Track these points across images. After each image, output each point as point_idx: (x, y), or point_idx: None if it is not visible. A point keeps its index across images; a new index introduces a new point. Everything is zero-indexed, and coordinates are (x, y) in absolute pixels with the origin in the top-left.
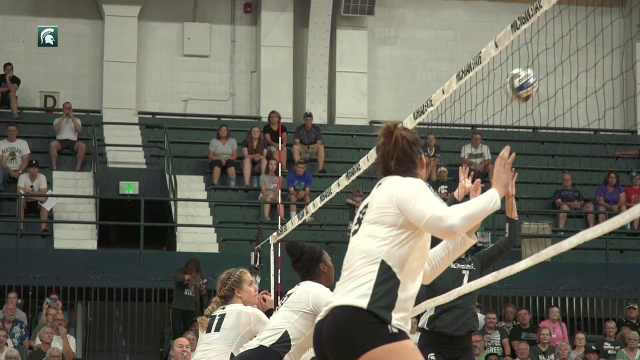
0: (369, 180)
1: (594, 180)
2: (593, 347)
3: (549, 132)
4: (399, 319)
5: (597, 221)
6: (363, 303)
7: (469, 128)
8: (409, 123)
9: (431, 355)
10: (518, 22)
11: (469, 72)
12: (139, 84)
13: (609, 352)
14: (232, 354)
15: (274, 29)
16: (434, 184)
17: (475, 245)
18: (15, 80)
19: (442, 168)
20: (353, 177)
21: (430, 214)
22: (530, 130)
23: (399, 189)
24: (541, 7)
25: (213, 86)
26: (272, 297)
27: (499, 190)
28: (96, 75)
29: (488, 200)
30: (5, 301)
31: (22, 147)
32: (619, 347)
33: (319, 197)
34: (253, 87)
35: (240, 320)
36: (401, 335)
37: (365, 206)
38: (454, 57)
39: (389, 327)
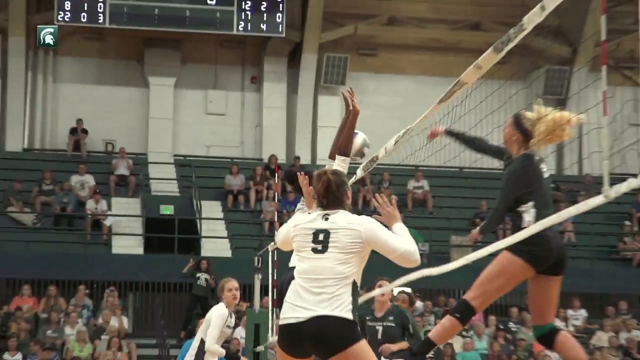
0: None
1: None
2: (501, 326)
3: (471, 170)
4: None
5: (504, 235)
6: (350, 316)
7: (414, 167)
8: (361, 170)
9: None
10: (447, 93)
11: (410, 131)
12: (175, 134)
13: (512, 329)
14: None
15: (272, 95)
16: None
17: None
18: (84, 131)
19: (393, 196)
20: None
21: (403, 249)
22: (458, 169)
23: (368, 229)
24: (465, 83)
25: (228, 136)
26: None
27: (399, 221)
28: (144, 128)
29: (407, 231)
30: (77, 291)
31: (89, 180)
32: (519, 326)
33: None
34: (257, 137)
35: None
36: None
37: (324, 231)
38: (403, 117)
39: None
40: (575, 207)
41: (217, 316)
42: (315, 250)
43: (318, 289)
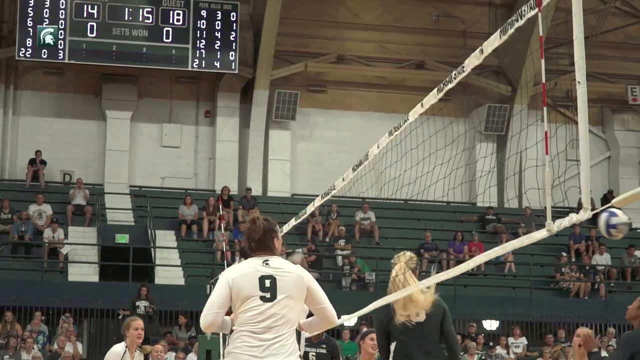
0: (291, 235)
1: (447, 237)
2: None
3: (416, 203)
4: None
5: (448, 265)
6: None
7: (360, 199)
8: (318, 200)
9: None
10: (393, 130)
11: (360, 164)
12: (131, 165)
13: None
14: None
15: (225, 129)
16: (336, 238)
17: (364, 281)
18: (43, 162)
19: (341, 227)
20: (279, 235)
21: (329, 305)
22: (403, 201)
23: (307, 276)
24: (408, 119)
25: (182, 168)
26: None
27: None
28: (100, 159)
29: None
30: (33, 317)
31: (47, 209)
32: (463, 353)
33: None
34: (210, 169)
35: None
36: None
37: (270, 277)
38: (351, 150)
39: None
40: (519, 241)
41: (110, 356)
42: (264, 299)
43: (271, 336)
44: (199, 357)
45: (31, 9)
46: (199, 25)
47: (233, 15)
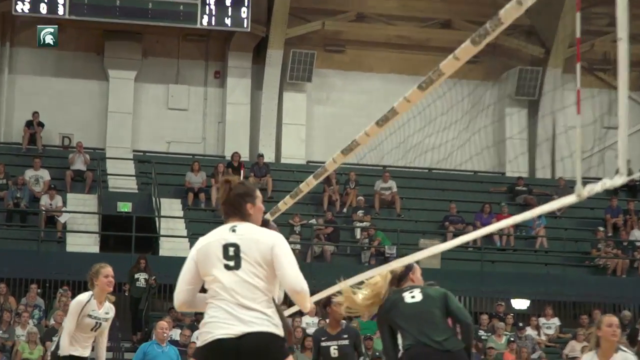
0: (305, 205)
1: (473, 209)
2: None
3: (440, 172)
4: None
5: (475, 240)
6: (281, 333)
7: (381, 167)
8: (339, 158)
9: None
10: (424, 85)
11: (387, 120)
12: (134, 129)
13: (482, 337)
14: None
15: (236, 90)
16: (354, 209)
17: (384, 255)
18: (41, 124)
19: (360, 197)
20: (298, 198)
21: (302, 284)
22: (427, 169)
23: (278, 245)
24: (443, 73)
25: (189, 132)
26: None
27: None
28: (102, 122)
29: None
30: (28, 290)
31: (45, 174)
32: (490, 334)
33: (269, 213)
34: (220, 134)
35: None
36: None
37: (234, 245)
38: (370, 115)
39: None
40: (548, 205)
41: (72, 304)
42: (227, 267)
43: (241, 307)
44: None
45: None
46: None
47: None
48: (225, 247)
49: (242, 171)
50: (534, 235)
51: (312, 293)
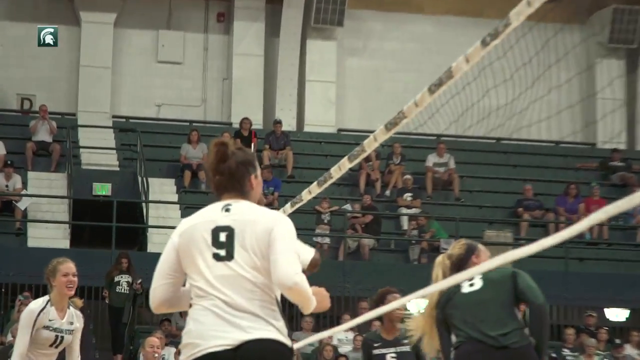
0: (336, 187)
1: (555, 190)
2: (553, 354)
3: (511, 143)
4: None
5: (557, 230)
6: (289, 342)
7: (434, 137)
8: (381, 134)
9: None
10: (488, 39)
11: (440, 85)
12: (114, 88)
13: (567, 358)
14: None
15: (246, 38)
16: (399, 191)
17: (439, 252)
18: None
19: (407, 176)
20: (325, 185)
21: (284, 258)
22: (494, 140)
23: (280, 229)
24: (510, 23)
25: (186, 92)
26: None
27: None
28: (72, 80)
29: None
30: None
31: None
32: (577, 353)
33: (289, 203)
34: (225, 94)
35: None
36: None
37: (226, 229)
38: (420, 69)
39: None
40: None
41: (23, 315)
42: (217, 257)
43: (234, 309)
44: None
45: None
46: None
47: None
48: (215, 232)
49: (253, 143)
50: (634, 226)
51: (347, 299)
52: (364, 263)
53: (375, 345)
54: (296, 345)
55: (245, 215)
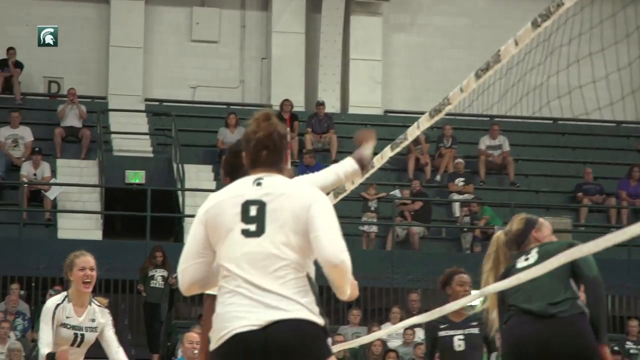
0: (383, 172)
1: (617, 174)
2: (615, 348)
3: (569, 124)
4: None
5: (619, 216)
6: (322, 321)
7: (487, 119)
8: (425, 121)
9: None
10: (539, 20)
11: (487, 70)
12: (146, 70)
13: (631, 351)
14: None
15: (285, 14)
16: (450, 176)
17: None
18: (19, 65)
19: (459, 160)
20: (367, 175)
21: (326, 235)
22: (550, 121)
23: (319, 205)
24: (563, 4)
25: (222, 73)
26: None
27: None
28: (102, 61)
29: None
30: (8, 292)
31: (25, 134)
32: None
33: (331, 193)
34: (263, 74)
35: None
36: None
37: (257, 203)
38: (471, 45)
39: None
40: None
41: (42, 311)
42: (247, 233)
43: (262, 289)
44: None
45: None
46: None
47: None
48: (245, 206)
49: (293, 125)
50: None
51: (396, 290)
52: (413, 253)
53: (442, 326)
54: (340, 347)
55: (279, 189)
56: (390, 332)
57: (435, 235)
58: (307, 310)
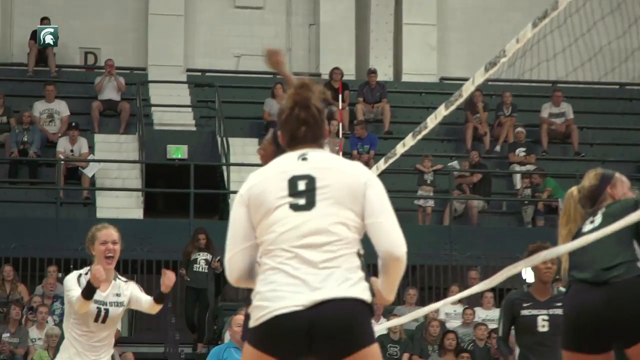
0: (439, 143)
1: None
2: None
3: (637, 89)
4: None
5: None
6: (370, 299)
7: (550, 84)
8: (480, 76)
9: None
10: None
11: (545, 17)
12: (187, 38)
13: None
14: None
15: None
16: (511, 146)
17: (557, 213)
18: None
19: (520, 129)
20: (419, 137)
21: (387, 221)
22: (617, 86)
23: (372, 185)
24: None
25: (268, 40)
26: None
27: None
28: (140, 30)
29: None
30: (45, 275)
31: (61, 108)
32: None
33: (383, 159)
34: (311, 41)
35: None
36: None
37: (306, 177)
38: (532, 5)
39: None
40: None
41: (65, 284)
42: (295, 207)
43: (309, 264)
44: None
45: None
46: None
47: None
48: (293, 181)
49: (340, 95)
50: None
51: (455, 268)
52: (472, 228)
53: (525, 305)
54: (398, 322)
55: (328, 163)
56: (446, 303)
57: (495, 209)
58: (356, 288)
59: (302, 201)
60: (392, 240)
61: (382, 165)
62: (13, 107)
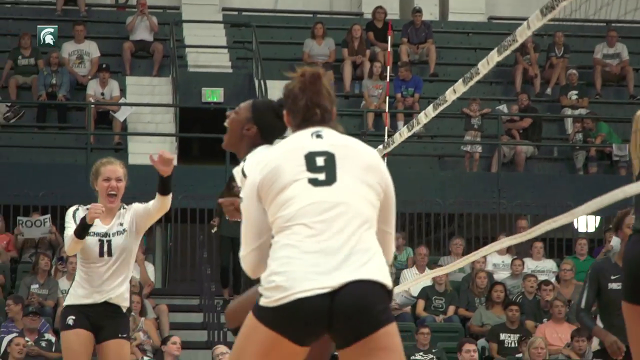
0: (487, 85)
1: None
2: None
3: None
4: None
5: None
6: (391, 284)
7: (604, 24)
8: (536, 20)
9: None
10: None
11: None
12: None
13: None
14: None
15: None
16: (563, 89)
17: (610, 159)
18: None
19: (572, 71)
20: (471, 83)
21: (394, 234)
22: None
23: (390, 180)
24: None
25: None
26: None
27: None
28: None
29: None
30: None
31: (92, 49)
32: None
33: (431, 105)
34: None
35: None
36: None
37: (325, 154)
38: None
39: None
40: None
41: (66, 217)
42: (315, 182)
43: (330, 241)
44: None
45: None
46: None
47: None
48: (310, 157)
49: (389, 35)
50: None
51: (503, 216)
52: (521, 175)
53: (613, 277)
54: (442, 271)
55: (345, 141)
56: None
57: (545, 154)
58: (376, 269)
59: (322, 176)
60: (391, 251)
61: (431, 112)
62: (42, 48)
